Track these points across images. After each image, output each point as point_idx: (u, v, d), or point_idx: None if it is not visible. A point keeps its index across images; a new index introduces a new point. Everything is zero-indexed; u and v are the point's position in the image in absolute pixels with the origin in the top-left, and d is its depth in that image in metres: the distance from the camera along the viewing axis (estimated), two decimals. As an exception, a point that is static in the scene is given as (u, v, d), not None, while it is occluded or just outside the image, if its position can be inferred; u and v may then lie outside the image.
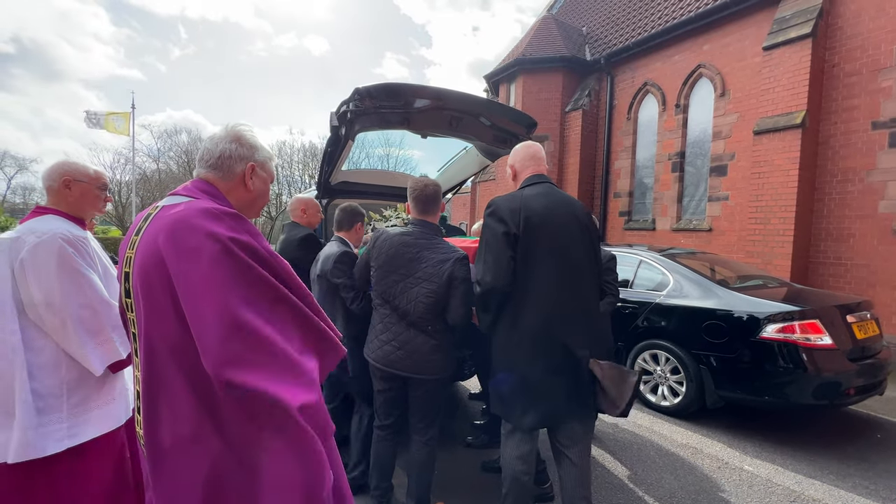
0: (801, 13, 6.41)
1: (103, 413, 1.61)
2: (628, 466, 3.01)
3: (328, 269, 2.42)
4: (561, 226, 1.83)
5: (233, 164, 1.16)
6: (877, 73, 5.99)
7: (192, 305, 0.93)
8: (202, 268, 0.94)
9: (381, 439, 2.28)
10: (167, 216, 1.02)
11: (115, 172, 29.60)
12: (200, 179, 1.17)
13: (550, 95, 10.38)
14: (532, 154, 2.01)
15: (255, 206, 1.24)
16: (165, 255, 0.96)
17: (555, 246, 1.81)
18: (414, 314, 2.03)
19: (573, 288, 1.83)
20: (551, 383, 1.79)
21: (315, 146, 33.63)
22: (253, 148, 1.19)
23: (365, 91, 2.62)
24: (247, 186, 1.19)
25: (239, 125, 1.20)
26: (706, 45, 8.02)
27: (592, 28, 11.34)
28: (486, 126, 3.20)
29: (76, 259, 1.56)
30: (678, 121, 8.60)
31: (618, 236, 9.84)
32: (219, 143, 1.16)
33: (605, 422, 3.72)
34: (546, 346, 1.79)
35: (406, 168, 4.55)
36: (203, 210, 1.01)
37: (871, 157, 6.04)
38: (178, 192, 1.13)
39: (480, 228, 1.98)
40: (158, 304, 0.98)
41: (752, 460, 3.15)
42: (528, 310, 1.80)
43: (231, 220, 1.03)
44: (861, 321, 3.59)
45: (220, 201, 1.12)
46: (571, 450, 1.88)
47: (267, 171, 1.24)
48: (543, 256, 1.79)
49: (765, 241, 6.56)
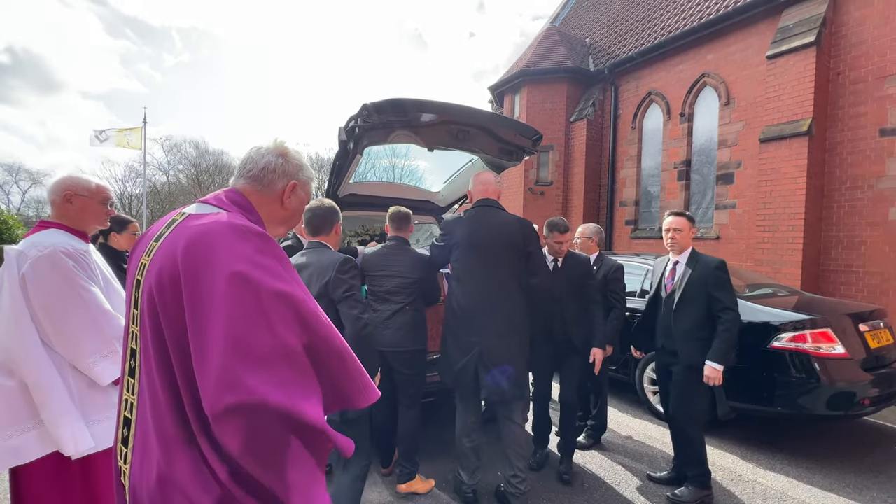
0: (805, 22, 6.44)
1: (104, 429, 1.61)
2: (640, 478, 2.98)
3: (328, 282, 2.11)
4: (488, 237, 2.51)
5: (275, 179, 1.11)
6: (883, 80, 5.98)
7: (197, 328, 0.83)
8: (218, 289, 0.84)
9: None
10: (192, 226, 0.94)
11: (127, 185, 30.15)
12: (236, 191, 1.09)
13: (555, 106, 10.46)
14: (482, 180, 2.70)
15: (286, 225, 1.19)
16: (182, 268, 0.87)
17: (481, 253, 2.50)
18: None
19: (489, 283, 2.50)
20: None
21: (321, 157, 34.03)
22: (298, 166, 1.15)
23: (373, 106, 2.67)
24: (284, 204, 1.14)
25: (286, 141, 1.15)
26: (710, 54, 8.06)
27: (596, 39, 11.44)
28: (492, 139, 3.24)
29: (76, 272, 1.59)
30: (683, 129, 8.61)
31: (624, 245, 9.81)
32: (265, 155, 1.11)
33: (617, 433, 3.68)
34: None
35: (412, 179, 4.59)
36: (232, 226, 0.92)
37: (881, 164, 6.00)
38: (207, 201, 1.05)
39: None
40: (168, 319, 0.88)
41: (766, 472, 3.10)
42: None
43: (259, 242, 0.93)
44: (874, 330, 3.54)
45: (250, 216, 1.05)
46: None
47: (306, 192, 1.19)
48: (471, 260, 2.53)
49: (774, 249, 6.51)
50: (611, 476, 3.02)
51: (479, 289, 2.48)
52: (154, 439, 0.91)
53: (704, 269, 2.68)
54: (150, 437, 0.92)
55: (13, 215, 6.97)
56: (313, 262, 2.20)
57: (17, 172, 31.45)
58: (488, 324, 2.45)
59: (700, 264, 2.72)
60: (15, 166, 31.98)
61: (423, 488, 2.77)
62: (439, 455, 3.16)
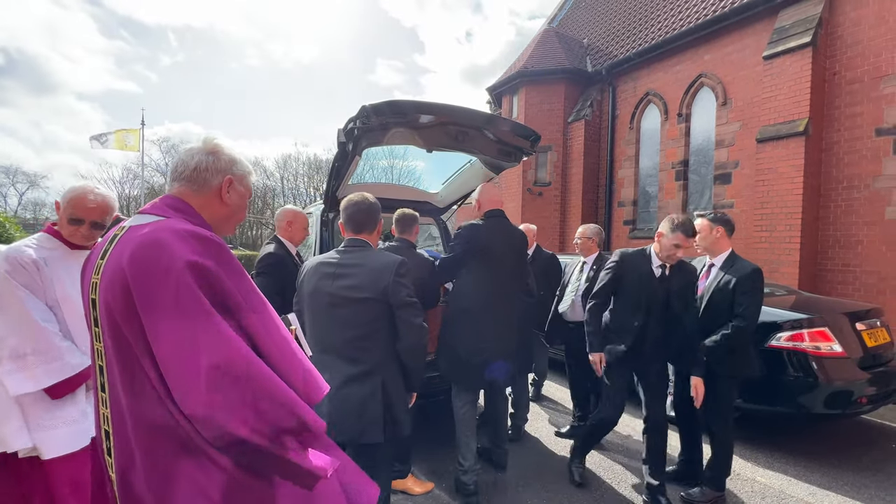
0: (801, 23, 6.48)
1: (46, 437, 1.61)
2: (639, 477, 2.99)
3: (387, 287, 1.88)
4: (502, 245, 2.69)
5: (209, 178, 1.10)
6: (879, 80, 6.02)
7: (154, 333, 0.89)
8: (168, 293, 0.88)
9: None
10: (134, 237, 0.96)
11: (125, 188, 30.07)
12: (172, 196, 1.10)
13: (553, 106, 10.48)
14: (492, 191, 2.89)
15: (230, 222, 1.19)
16: (130, 277, 0.90)
17: (496, 260, 2.66)
18: None
19: (502, 287, 2.69)
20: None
21: (319, 158, 34.00)
22: (231, 161, 1.14)
23: (372, 108, 2.68)
24: (223, 201, 1.13)
25: (216, 138, 1.15)
26: (707, 54, 8.09)
27: (593, 40, 11.47)
28: (490, 140, 3.24)
29: (9, 280, 1.59)
30: (681, 130, 8.64)
31: (623, 245, 9.82)
32: (195, 154, 1.10)
33: (617, 433, 3.69)
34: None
35: (410, 180, 4.59)
36: (171, 231, 0.95)
37: (877, 163, 6.04)
38: (146, 211, 1.07)
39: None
40: (130, 328, 0.92)
41: (765, 471, 3.12)
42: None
43: (198, 244, 0.96)
44: (871, 329, 3.56)
45: (192, 219, 1.06)
46: None
47: (245, 185, 1.18)
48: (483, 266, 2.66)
49: (771, 248, 6.54)
50: (610, 475, 3.02)
51: (492, 294, 2.63)
52: (134, 447, 0.95)
53: (736, 274, 2.55)
54: (129, 446, 0.95)
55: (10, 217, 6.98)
56: (362, 262, 1.93)
57: (15, 174, 31.42)
58: (500, 326, 2.64)
59: (734, 269, 2.58)
60: (12, 168, 31.96)
61: (419, 489, 2.76)
62: (440, 456, 3.16)
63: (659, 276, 2.56)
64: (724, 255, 2.69)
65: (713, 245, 2.70)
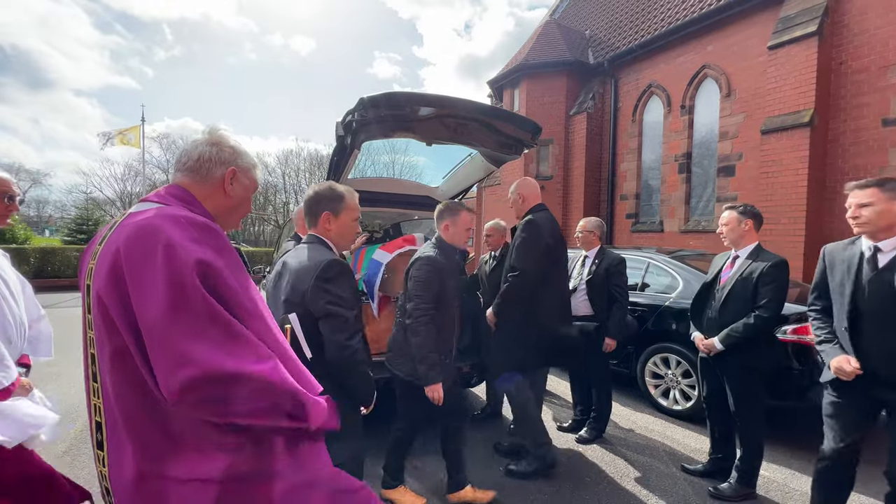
0: (806, 11, 6.38)
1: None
2: (641, 471, 2.97)
3: (305, 292, 1.64)
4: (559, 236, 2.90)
5: (212, 168, 1.10)
6: (885, 69, 5.93)
7: (142, 314, 0.87)
8: (158, 277, 0.86)
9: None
10: (131, 222, 0.95)
11: (127, 184, 30.15)
12: (175, 185, 1.10)
13: (554, 99, 10.40)
14: (535, 186, 2.99)
15: (234, 214, 1.18)
16: (124, 259, 0.89)
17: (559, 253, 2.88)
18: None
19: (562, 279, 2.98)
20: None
21: (321, 154, 33.96)
22: (235, 153, 1.13)
23: (370, 101, 2.65)
24: (226, 192, 1.12)
25: (220, 129, 1.14)
26: (710, 45, 8.00)
27: (595, 31, 11.36)
28: (491, 133, 3.21)
29: None
30: (684, 122, 8.56)
31: (625, 239, 9.78)
32: (199, 145, 1.11)
33: (618, 426, 3.68)
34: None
35: (411, 174, 4.56)
36: (169, 217, 0.94)
37: (883, 154, 5.96)
38: (148, 199, 1.06)
39: (494, 226, 3.69)
40: (121, 312, 0.89)
41: (768, 465, 3.10)
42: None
43: (196, 231, 0.95)
44: (877, 321, 3.52)
45: (194, 208, 1.05)
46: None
47: (250, 178, 1.17)
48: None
49: (776, 241, 6.48)
50: (613, 469, 3.01)
51: (558, 286, 2.87)
52: (125, 437, 0.94)
53: (760, 266, 2.53)
54: (121, 436, 0.94)
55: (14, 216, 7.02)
56: (295, 261, 1.73)
57: (17, 172, 31.44)
58: (563, 314, 2.91)
59: (758, 260, 2.57)
60: (14, 166, 32.03)
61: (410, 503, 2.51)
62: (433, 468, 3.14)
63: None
64: (750, 247, 2.68)
65: (740, 238, 2.68)
